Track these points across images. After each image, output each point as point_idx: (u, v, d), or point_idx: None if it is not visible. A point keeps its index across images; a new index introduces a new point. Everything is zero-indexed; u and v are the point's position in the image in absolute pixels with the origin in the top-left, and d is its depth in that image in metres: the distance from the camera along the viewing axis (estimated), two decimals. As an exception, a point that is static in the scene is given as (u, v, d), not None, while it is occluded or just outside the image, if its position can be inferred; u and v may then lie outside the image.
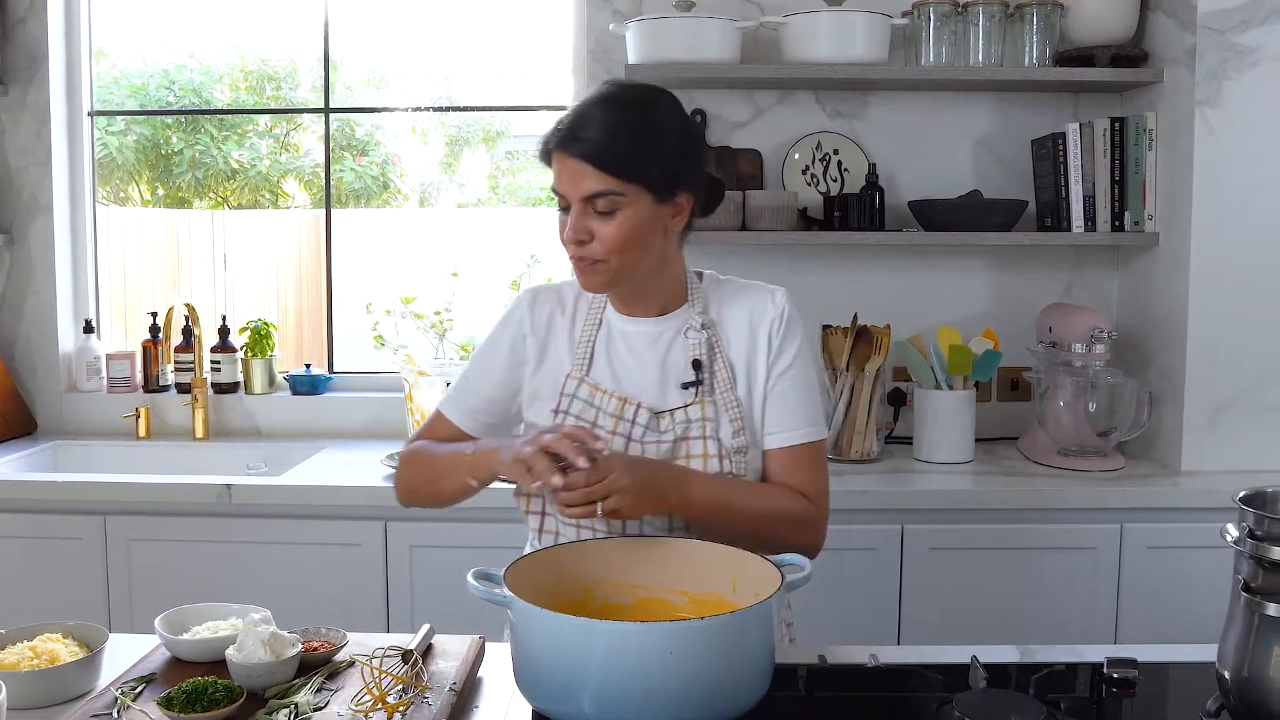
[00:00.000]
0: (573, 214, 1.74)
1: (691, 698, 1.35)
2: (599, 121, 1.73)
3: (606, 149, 1.71)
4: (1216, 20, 2.92)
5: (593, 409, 1.82)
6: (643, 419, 1.81)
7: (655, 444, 1.80)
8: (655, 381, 1.84)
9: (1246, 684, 1.39)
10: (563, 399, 1.84)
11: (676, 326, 1.87)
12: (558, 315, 1.91)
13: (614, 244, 1.74)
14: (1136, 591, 2.86)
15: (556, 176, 1.76)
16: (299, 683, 1.53)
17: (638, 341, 1.86)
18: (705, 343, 1.85)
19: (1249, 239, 2.98)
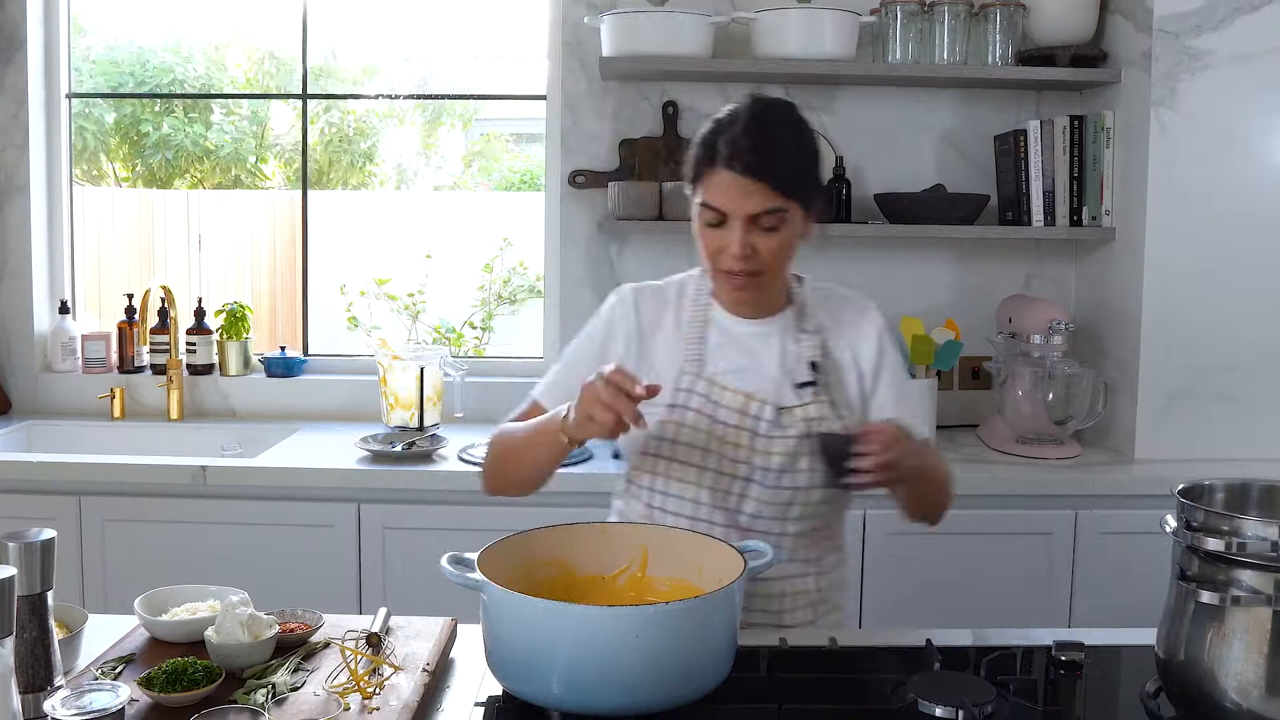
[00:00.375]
0: (738, 230, 1.76)
1: (657, 679, 1.39)
2: (770, 138, 1.76)
3: (783, 170, 1.75)
4: (1172, 24, 2.98)
5: (712, 404, 1.85)
6: (768, 415, 1.84)
7: (781, 438, 1.83)
8: (772, 380, 1.87)
9: (1182, 667, 1.45)
10: (679, 394, 1.86)
11: (783, 327, 1.91)
12: (663, 314, 1.94)
13: (775, 259, 1.80)
14: (1090, 576, 2.92)
15: (719, 192, 1.76)
16: (276, 663, 1.56)
17: (750, 341, 1.90)
18: (819, 344, 1.90)
19: (1201, 234, 3.05)
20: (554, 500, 2.78)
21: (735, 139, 1.75)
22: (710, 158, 1.77)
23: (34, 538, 1.39)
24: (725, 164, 1.75)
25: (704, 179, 1.78)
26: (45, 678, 1.40)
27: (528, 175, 5.22)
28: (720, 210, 1.76)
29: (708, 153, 1.78)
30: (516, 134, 5.55)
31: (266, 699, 1.45)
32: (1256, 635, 1.38)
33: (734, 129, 1.77)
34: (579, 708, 1.41)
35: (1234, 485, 1.58)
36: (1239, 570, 1.39)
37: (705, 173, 1.78)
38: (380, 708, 1.44)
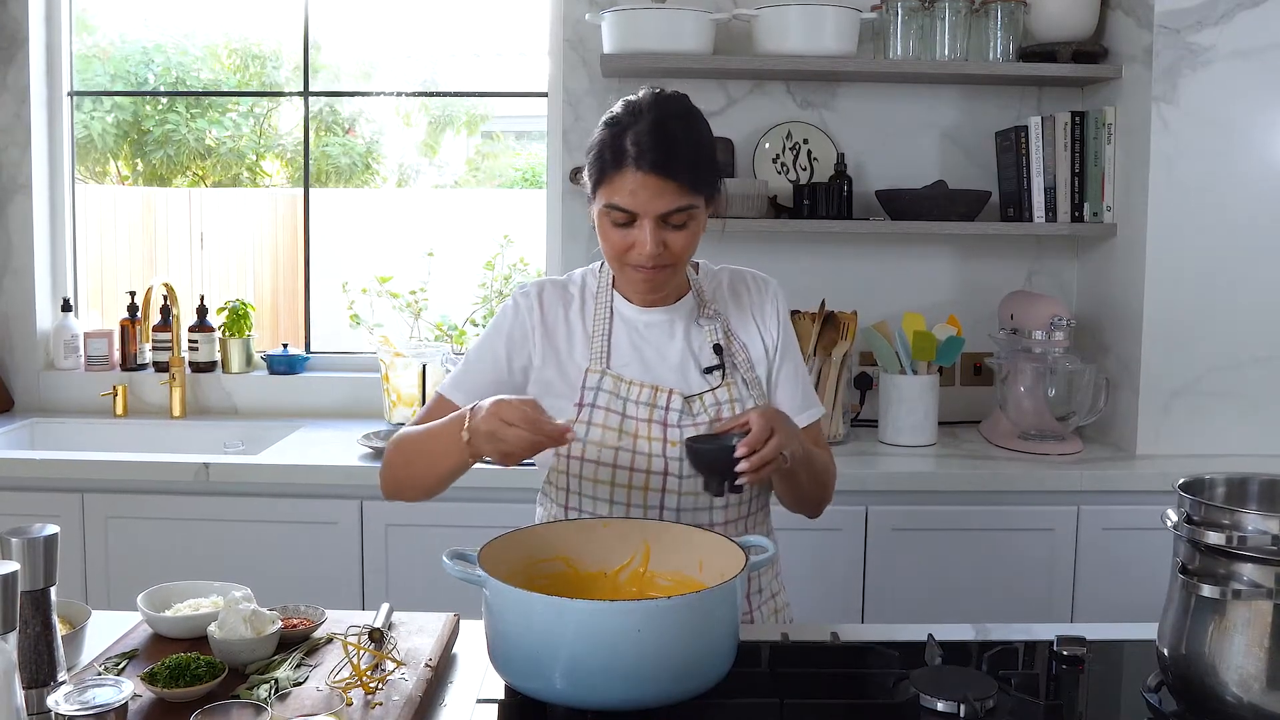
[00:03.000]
0: (650, 229, 1.75)
1: (659, 673, 1.39)
2: (679, 140, 1.75)
3: (692, 168, 1.75)
4: (1173, 20, 2.98)
5: (620, 400, 1.85)
6: (676, 404, 1.84)
7: (692, 428, 1.83)
8: (676, 368, 1.89)
9: (1183, 661, 1.46)
10: (585, 392, 1.86)
11: (685, 314, 1.92)
12: (564, 309, 1.94)
13: (685, 254, 1.81)
14: (1092, 571, 2.93)
15: (629, 194, 1.74)
16: (279, 659, 1.57)
17: (653, 331, 1.91)
18: (721, 328, 1.92)
19: (1203, 230, 3.05)
20: (556, 497, 2.80)
21: (640, 139, 1.73)
22: (617, 159, 1.74)
23: (37, 533, 1.39)
24: (634, 164, 1.73)
25: (609, 180, 1.76)
26: (48, 673, 1.41)
27: (529, 173, 5.22)
28: (631, 211, 1.75)
29: (613, 154, 1.75)
30: (518, 131, 5.55)
31: (269, 694, 1.45)
32: (1257, 629, 1.38)
33: (637, 128, 1.75)
34: (581, 703, 1.41)
35: (1234, 479, 1.58)
36: (1240, 564, 1.39)
37: (611, 174, 1.75)
38: (383, 703, 1.44)
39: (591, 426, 1.84)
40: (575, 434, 1.74)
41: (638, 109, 1.78)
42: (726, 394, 1.87)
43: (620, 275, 1.87)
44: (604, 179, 1.77)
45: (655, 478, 1.84)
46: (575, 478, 1.87)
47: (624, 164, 1.74)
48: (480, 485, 2.89)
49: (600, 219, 1.81)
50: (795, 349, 1.99)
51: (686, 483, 1.84)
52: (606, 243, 1.82)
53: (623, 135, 1.75)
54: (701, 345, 1.90)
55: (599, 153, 1.79)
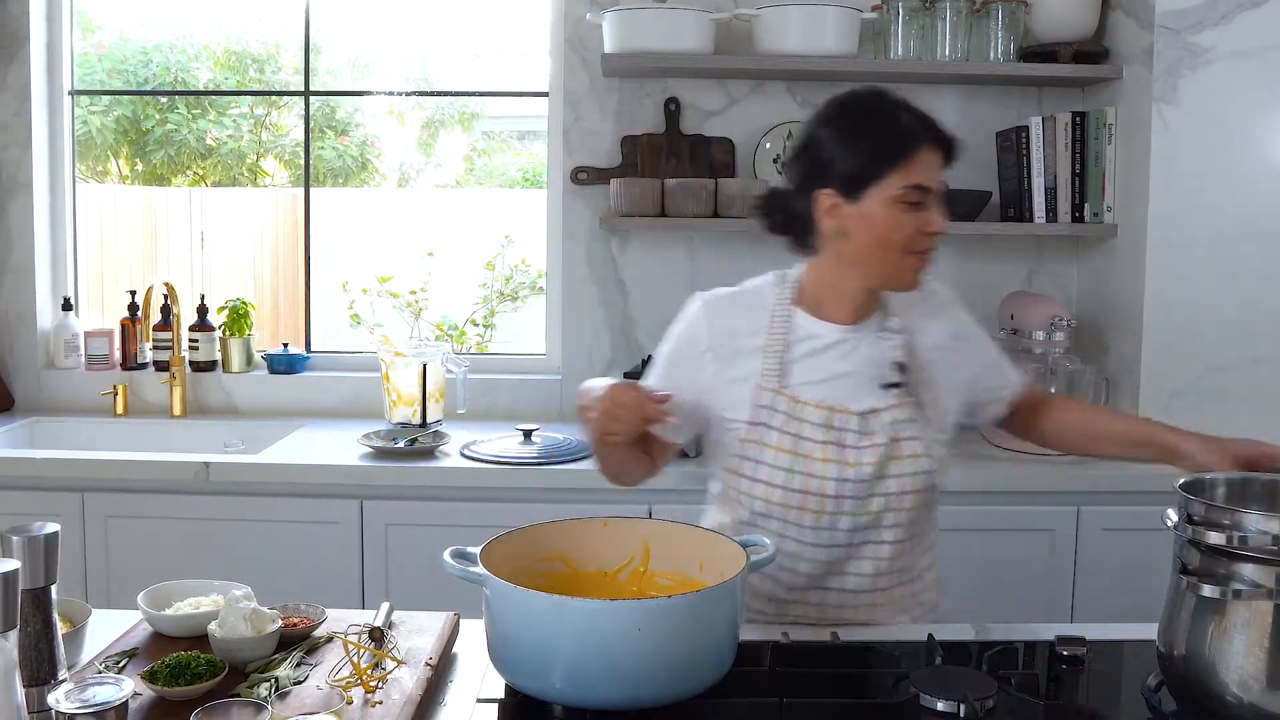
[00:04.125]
0: (936, 207, 1.77)
1: (659, 673, 1.39)
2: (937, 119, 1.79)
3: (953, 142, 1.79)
4: (1173, 20, 2.98)
5: (796, 421, 1.81)
6: (852, 425, 1.80)
7: (870, 448, 1.80)
8: (853, 383, 1.84)
9: (1183, 661, 1.46)
10: (760, 410, 1.83)
11: (870, 331, 1.87)
12: (739, 321, 1.89)
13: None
14: (1092, 572, 2.93)
15: (925, 169, 1.75)
16: (279, 657, 1.57)
17: (838, 348, 1.86)
18: (904, 344, 1.86)
19: (1203, 230, 3.05)
20: (556, 497, 2.81)
21: (923, 116, 1.77)
22: (909, 140, 1.74)
23: (37, 532, 1.39)
24: (929, 139, 1.74)
25: (906, 163, 1.74)
26: (49, 671, 1.41)
27: (530, 172, 5.22)
28: (927, 188, 1.75)
29: (903, 136, 1.75)
30: (519, 131, 5.55)
31: (270, 693, 1.45)
32: (1257, 629, 1.38)
33: (909, 111, 1.77)
34: (581, 702, 1.42)
35: (1235, 479, 1.59)
36: (1240, 564, 1.39)
37: (907, 156, 1.74)
38: (383, 701, 1.44)
39: (764, 447, 1.82)
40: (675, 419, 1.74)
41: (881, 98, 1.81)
42: (904, 413, 1.83)
43: (896, 268, 1.80)
44: (897, 164, 1.74)
45: (829, 501, 1.80)
46: (748, 496, 1.85)
47: (918, 143, 1.74)
48: (482, 485, 2.90)
49: (887, 209, 1.75)
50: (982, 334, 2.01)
51: (859, 504, 1.81)
52: (896, 231, 1.76)
53: (895, 117, 1.77)
54: (883, 361, 1.85)
55: (880, 142, 1.76)
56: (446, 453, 3.04)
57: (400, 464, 2.94)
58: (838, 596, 1.86)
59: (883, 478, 1.80)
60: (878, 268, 1.81)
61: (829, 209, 1.79)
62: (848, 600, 1.86)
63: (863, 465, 1.79)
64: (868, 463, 1.79)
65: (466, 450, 3.04)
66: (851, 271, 1.83)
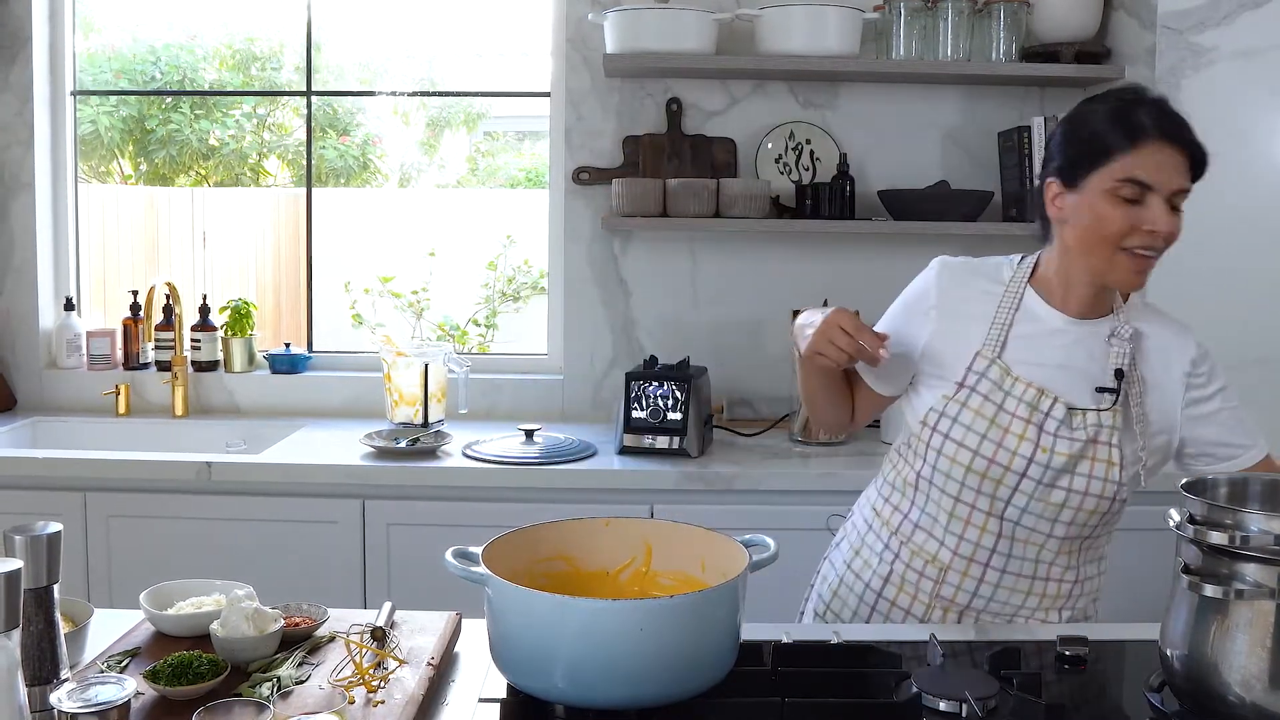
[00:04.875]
0: (1159, 207, 1.73)
1: (661, 672, 1.39)
2: (1186, 120, 1.75)
3: (1201, 148, 1.75)
4: (1175, 20, 2.98)
5: (1002, 392, 1.82)
6: (1058, 413, 1.80)
7: (1067, 439, 1.79)
8: (1070, 377, 1.83)
9: (1186, 660, 1.45)
10: (970, 375, 1.84)
11: (1101, 330, 1.85)
12: (971, 288, 1.91)
13: (1175, 240, 1.78)
14: (1093, 573, 2.92)
15: (1151, 165, 1.72)
16: (281, 657, 1.57)
17: (1060, 336, 1.85)
18: (1129, 354, 1.83)
19: (1204, 231, 3.02)
20: (558, 496, 2.81)
21: (1156, 113, 1.73)
22: (1134, 132, 1.72)
23: (40, 531, 1.39)
24: (1160, 135, 1.72)
25: (1125, 154, 1.73)
26: (51, 671, 1.41)
27: (532, 172, 5.23)
28: (1147, 184, 1.73)
29: (1128, 128, 1.73)
30: (520, 132, 5.55)
31: (272, 692, 1.45)
32: (1260, 629, 1.38)
33: (1149, 106, 1.75)
34: (583, 701, 1.41)
35: (1237, 479, 1.58)
36: (1242, 564, 1.39)
37: (1128, 147, 1.72)
38: (385, 701, 1.44)
39: (965, 409, 1.83)
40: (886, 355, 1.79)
41: (1138, 91, 1.80)
42: (1111, 419, 1.80)
43: (1108, 263, 1.78)
44: (1114, 154, 1.73)
45: (1012, 476, 1.80)
46: (935, 451, 1.85)
47: (1144, 136, 1.72)
48: (483, 485, 2.90)
49: (1099, 200, 1.75)
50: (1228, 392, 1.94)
51: (1041, 489, 1.80)
52: (1107, 224, 1.75)
53: (1132, 111, 1.74)
54: (1105, 365, 1.83)
55: (1103, 131, 1.75)
56: (448, 453, 3.05)
57: (402, 464, 2.94)
58: (996, 575, 1.87)
59: (1071, 473, 1.80)
60: (1090, 260, 1.80)
61: (1053, 197, 1.82)
62: (1005, 582, 1.87)
63: (1055, 454, 1.79)
64: (1061, 453, 1.79)
65: (468, 450, 3.04)
66: (1072, 262, 1.84)
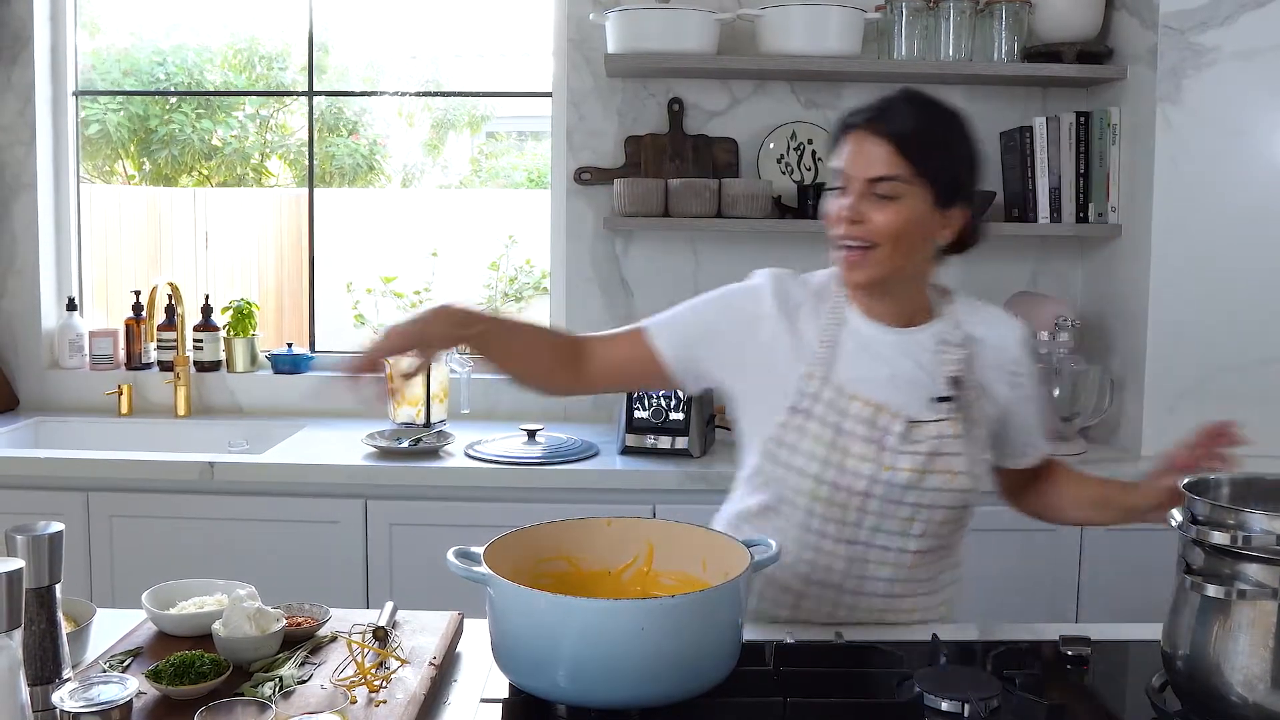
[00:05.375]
0: (852, 194, 1.72)
1: (662, 672, 1.39)
2: (906, 109, 1.74)
3: (909, 132, 1.70)
4: (1177, 20, 2.98)
5: (838, 413, 1.77)
6: (897, 428, 1.75)
7: (910, 454, 1.75)
8: (902, 391, 1.78)
9: (1187, 661, 1.45)
10: (804, 398, 1.78)
11: (927, 339, 1.82)
12: (803, 305, 1.84)
13: (887, 231, 1.71)
14: (1096, 571, 2.93)
15: (845, 156, 1.73)
16: (283, 657, 1.57)
17: (887, 351, 1.81)
18: (964, 360, 1.81)
19: (1208, 231, 3.05)
20: (560, 496, 2.81)
21: (874, 106, 1.74)
22: (847, 123, 1.75)
23: (42, 531, 1.39)
24: (858, 126, 1.73)
25: (837, 145, 1.76)
26: (54, 670, 1.41)
27: (534, 173, 5.23)
28: (847, 174, 1.73)
29: (845, 120, 1.76)
30: (522, 132, 5.56)
31: (274, 692, 1.45)
32: (1262, 629, 1.38)
33: (876, 100, 1.75)
34: (584, 701, 1.41)
35: (1239, 479, 1.58)
36: (1245, 564, 1.39)
37: (841, 137, 1.75)
38: (387, 701, 1.44)
39: (803, 435, 1.78)
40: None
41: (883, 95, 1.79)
42: (951, 429, 1.77)
43: (835, 262, 1.78)
44: (832, 151, 1.76)
45: (857, 498, 1.76)
46: (778, 481, 1.81)
47: (848, 129, 1.74)
48: (485, 485, 2.90)
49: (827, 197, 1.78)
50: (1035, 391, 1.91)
51: (889, 507, 1.77)
52: (826, 220, 1.78)
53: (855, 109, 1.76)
54: (937, 375, 1.80)
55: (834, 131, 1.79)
56: (450, 453, 3.05)
57: (404, 464, 2.94)
58: (852, 598, 1.84)
59: (917, 488, 1.76)
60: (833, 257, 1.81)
61: None
62: (861, 602, 1.84)
63: (898, 470, 1.75)
64: (904, 469, 1.75)
65: (470, 450, 3.04)
66: None
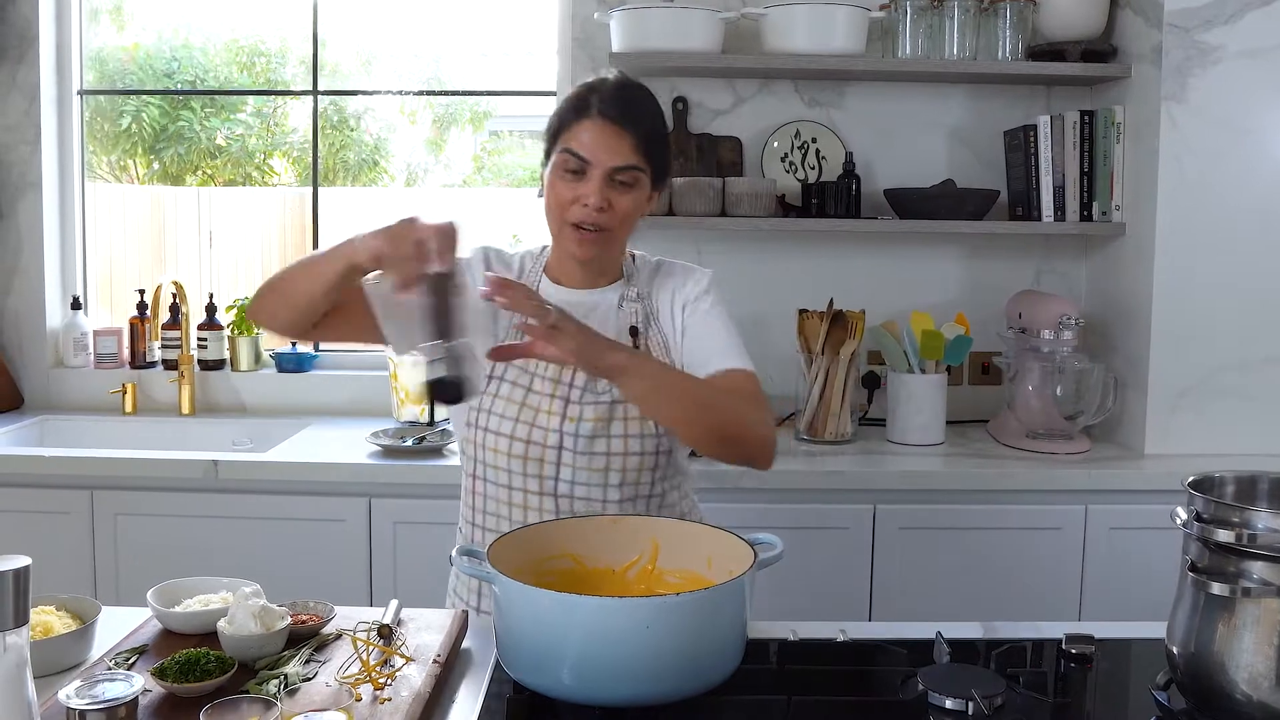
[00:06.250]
0: (597, 181, 1.80)
1: (667, 670, 1.39)
2: (643, 102, 1.86)
3: (647, 132, 1.83)
4: (1182, 18, 2.98)
5: (527, 375, 1.89)
6: (580, 381, 1.87)
7: (593, 404, 1.87)
8: None
9: (1192, 659, 1.45)
10: (495, 367, 1.89)
11: (612, 298, 1.95)
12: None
13: (624, 217, 1.85)
14: (1100, 570, 2.92)
15: (586, 141, 1.80)
16: (288, 654, 1.57)
17: (576, 312, 1.82)
18: (641, 312, 1.94)
19: (1212, 229, 3.05)
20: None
21: (605, 94, 1.83)
22: (579, 110, 1.82)
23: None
24: (599, 112, 1.81)
25: (570, 128, 1.82)
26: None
27: (537, 172, 5.23)
28: (584, 159, 1.80)
29: (576, 106, 1.83)
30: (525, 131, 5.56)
31: (279, 689, 1.45)
32: (1267, 626, 1.37)
33: (604, 89, 1.84)
34: (589, 699, 1.41)
35: (1244, 477, 1.58)
36: (1249, 562, 1.39)
37: (573, 122, 1.82)
38: (391, 698, 1.44)
39: (496, 399, 1.89)
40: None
41: (606, 77, 1.88)
42: None
43: (559, 238, 1.89)
44: (563, 129, 1.84)
45: (551, 451, 1.87)
46: (480, 447, 1.91)
47: (586, 113, 1.82)
48: (488, 483, 2.90)
49: (552, 172, 1.85)
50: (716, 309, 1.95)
51: (581, 459, 1.86)
52: (553, 195, 1.85)
53: (588, 93, 1.84)
54: (620, 327, 1.92)
55: (561, 108, 1.86)
56: (454, 451, 3.04)
57: (408, 462, 2.95)
58: None
59: (605, 436, 1.86)
60: (552, 233, 1.90)
61: (543, 176, 1.89)
62: None
63: (583, 421, 1.85)
64: (589, 419, 1.86)
65: (474, 449, 3.04)
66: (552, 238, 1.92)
